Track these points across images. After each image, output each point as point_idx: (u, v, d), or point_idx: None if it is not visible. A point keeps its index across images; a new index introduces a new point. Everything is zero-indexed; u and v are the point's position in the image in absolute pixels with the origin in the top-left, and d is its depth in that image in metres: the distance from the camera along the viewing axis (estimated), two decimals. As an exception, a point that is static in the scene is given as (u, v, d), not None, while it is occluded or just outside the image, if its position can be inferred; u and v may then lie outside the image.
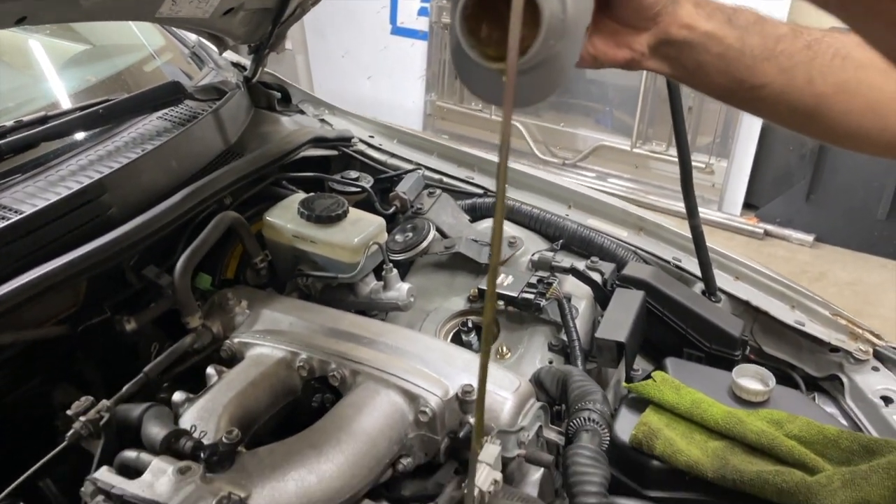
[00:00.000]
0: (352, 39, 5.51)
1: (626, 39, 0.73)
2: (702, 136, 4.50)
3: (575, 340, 1.41)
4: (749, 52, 0.74)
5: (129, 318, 1.23)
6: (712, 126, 4.43)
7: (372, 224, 1.45)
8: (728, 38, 0.73)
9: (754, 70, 0.74)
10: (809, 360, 1.50)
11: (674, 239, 1.67)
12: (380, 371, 1.13)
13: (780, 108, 0.77)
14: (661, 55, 0.75)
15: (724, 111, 4.37)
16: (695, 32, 0.73)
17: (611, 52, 0.73)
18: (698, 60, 0.75)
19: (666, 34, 0.73)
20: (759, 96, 0.76)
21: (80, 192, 1.25)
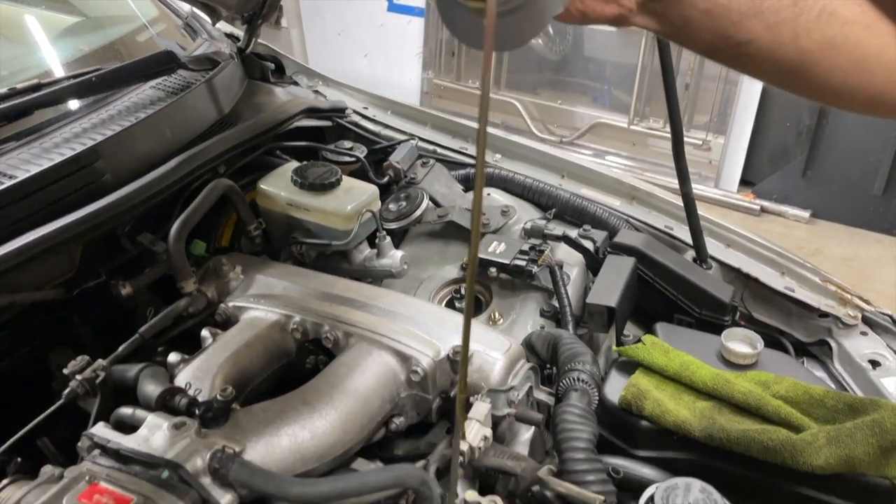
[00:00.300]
0: (348, 17, 5.49)
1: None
2: (699, 115, 4.50)
3: (566, 306, 1.42)
4: (736, 9, 0.74)
5: (125, 282, 1.25)
6: (709, 104, 4.43)
7: (365, 192, 1.46)
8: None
9: (740, 26, 0.75)
10: (799, 325, 1.51)
11: (666, 207, 1.68)
12: (372, 333, 1.15)
13: (765, 64, 0.78)
14: (649, 11, 0.75)
15: (721, 89, 4.37)
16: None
17: (599, 8, 0.74)
18: (685, 16, 0.75)
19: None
20: (745, 52, 0.77)
21: (74, 158, 1.25)
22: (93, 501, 0.82)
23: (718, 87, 4.38)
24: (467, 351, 0.69)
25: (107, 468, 0.87)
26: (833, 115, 4.02)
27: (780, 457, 1.09)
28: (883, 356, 1.40)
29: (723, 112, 4.40)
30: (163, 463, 0.86)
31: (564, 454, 1.05)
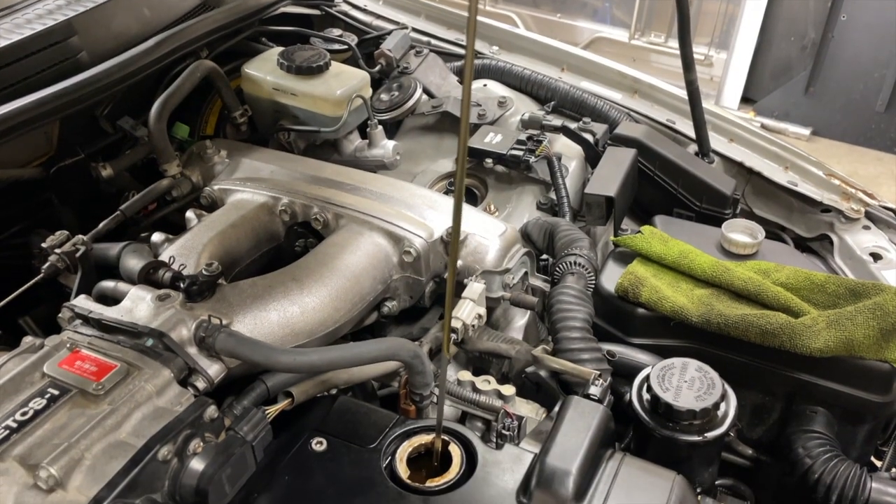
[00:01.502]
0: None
1: None
2: (701, 27, 4.36)
3: (564, 197, 1.38)
4: None
5: (105, 164, 1.20)
6: (712, 20, 4.30)
7: (355, 77, 1.39)
8: None
9: None
10: (800, 220, 1.48)
11: (668, 101, 1.63)
12: (364, 214, 1.11)
13: None
14: None
15: (725, 4, 4.23)
16: None
17: None
18: None
19: None
20: None
21: (48, 31, 1.19)
22: (74, 368, 0.79)
23: (721, 7, 4.24)
24: (459, 224, 0.65)
25: (88, 336, 0.84)
26: (839, 29, 3.91)
27: (779, 340, 1.08)
28: (885, 249, 1.37)
29: (726, 28, 4.27)
30: (147, 331, 0.83)
31: (559, 334, 1.03)
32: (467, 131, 0.58)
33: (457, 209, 0.65)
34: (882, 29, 3.78)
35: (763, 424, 1.18)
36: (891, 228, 1.43)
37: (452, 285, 0.68)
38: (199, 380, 0.83)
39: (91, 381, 0.76)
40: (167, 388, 0.79)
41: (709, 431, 0.93)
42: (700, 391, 0.95)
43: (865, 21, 3.83)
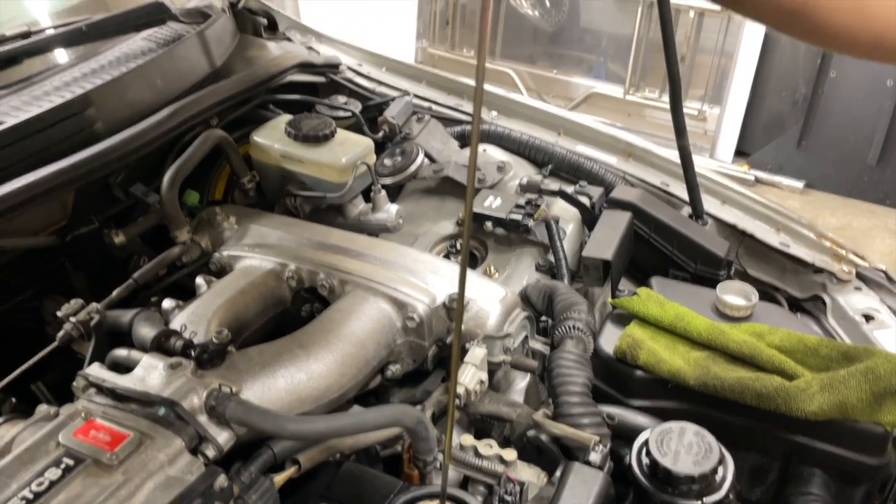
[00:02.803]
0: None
1: None
2: (694, 89, 4.48)
3: (562, 260, 1.42)
4: None
5: (118, 231, 1.24)
6: (705, 77, 4.41)
7: (360, 144, 1.45)
8: None
9: None
10: (793, 281, 1.52)
11: (662, 164, 1.68)
12: (368, 280, 1.15)
13: (769, 7, 0.77)
14: None
15: (717, 61, 4.34)
16: None
17: None
18: None
19: None
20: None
21: (66, 104, 1.24)
22: (89, 437, 0.82)
23: (714, 61, 4.36)
24: (464, 289, 0.68)
25: (103, 406, 0.87)
26: (829, 84, 4.01)
27: (774, 403, 1.10)
28: (876, 310, 1.40)
29: (718, 83, 4.38)
30: (159, 400, 0.86)
31: (560, 398, 1.05)
32: (471, 212, 0.61)
33: (461, 286, 0.68)
34: (870, 85, 3.89)
35: (761, 485, 1.20)
36: (882, 289, 1.46)
37: (458, 355, 0.71)
38: (209, 448, 0.85)
39: (105, 451, 0.79)
40: (179, 457, 0.81)
41: (707, 496, 0.95)
42: (698, 456, 0.97)
43: (854, 77, 3.93)
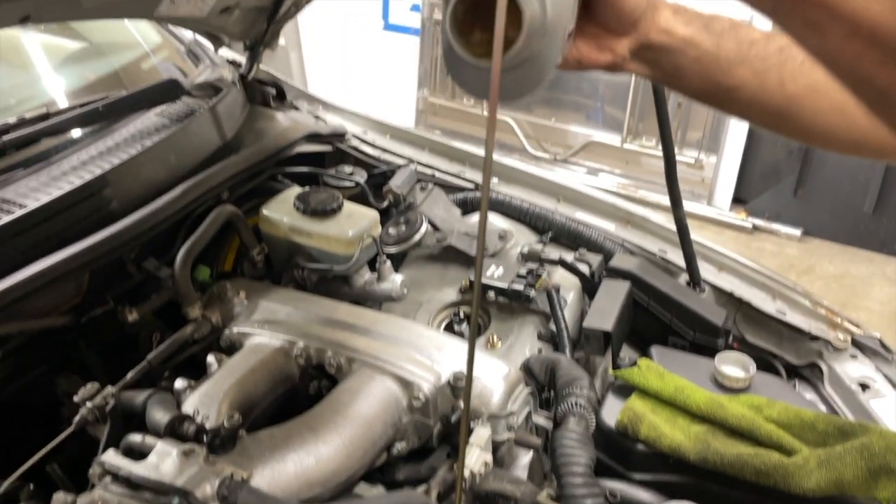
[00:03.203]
0: (344, 37, 5.54)
1: (609, 43, 0.77)
2: (691, 132, 4.56)
3: (563, 330, 1.45)
4: (724, 56, 0.78)
5: (131, 308, 1.27)
6: (701, 122, 4.49)
7: (366, 217, 1.49)
8: (704, 43, 0.77)
9: (729, 73, 0.78)
10: (790, 348, 1.55)
11: (660, 232, 1.72)
12: (374, 358, 1.18)
13: (753, 108, 0.81)
14: (642, 58, 0.79)
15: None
16: (673, 37, 0.77)
17: (594, 56, 0.78)
18: (676, 64, 0.79)
19: (646, 39, 0.77)
20: (733, 98, 0.80)
21: (83, 186, 1.28)
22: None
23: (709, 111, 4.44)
24: (471, 379, 0.72)
25: (118, 495, 0.89)
26: (823, 134, 4.08)
27: (773, 480, 1.13)
28: (872, 379, 1.43)
29: (714, 131, 4.46)
30: (173, 490, 0.88)
31: (563, 479, 1.08)
32: (479, 303, 0.65)
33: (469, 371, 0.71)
34: (864, 135, 3.95)
35: (762, 559, 1.22)
36: (877, 356, 1.49)
37: (465, 440, 0.74)
38: (221, 537, 0.87)
39: (122, 544, 0.81)
40: (192, 548, 0.83)
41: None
42: (698, 537, 0.99)
43: (848, 127, 4.00)
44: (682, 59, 0.79)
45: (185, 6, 1.44)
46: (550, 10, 0.59)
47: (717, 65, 0.79)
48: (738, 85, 0.80)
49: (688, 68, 0.80)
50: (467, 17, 0.60)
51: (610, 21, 0.77)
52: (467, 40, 0.61)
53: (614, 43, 0.78)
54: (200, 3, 1.49)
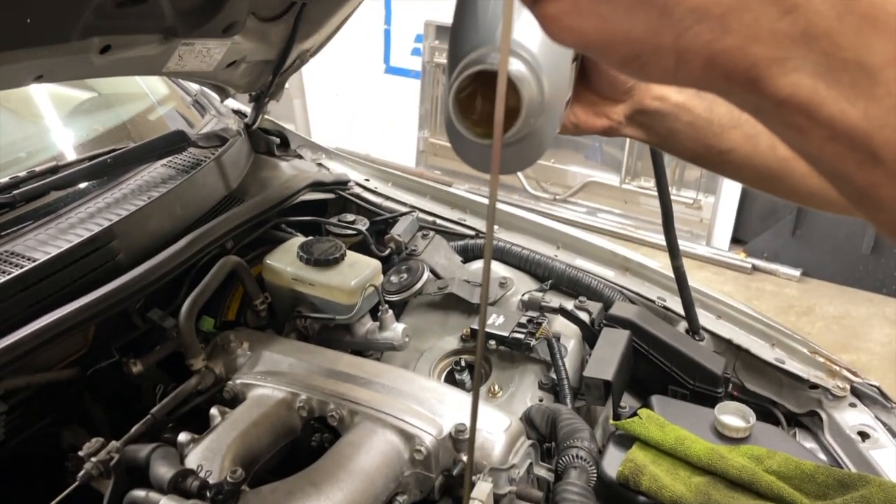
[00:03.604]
0: (347, 78, 5.64)
1: (604, 109, 0.80)
2: (689, 172, 4.61)
3: (564, 379, 1.46)
4: (717, 121, 0.81)
5: (136, 360, 1.28)
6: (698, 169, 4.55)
7: (368, 267, 1.51)
8: (697, 108, 0.80)
9: (721, 137, 0.81)
10: (790, 396, 1.55)
11: (658, 279, 1.74)
12: (376, 411, 1.19)
13: (746, 171, 0.84)
14: (637, 123, 0.82)
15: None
16: (666, 103, 0.80)
17: (590, 121, 0.80)
18: (670, 128, 0.82)
19: (640, 105, 0.80)
20: (726, 160, 0.83)
21: (91, 239, 1.30)
22: (109, 587, 0.85)
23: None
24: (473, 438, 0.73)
25: (122, 554, 0.90)
26: (820, 175, 4.13)
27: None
28: (871, 428, 1.44)
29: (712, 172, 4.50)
30: (177, 547, 0.89)
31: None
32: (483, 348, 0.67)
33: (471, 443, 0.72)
34: (861, 176, 3.99)
35: None
36: (876, 405, 1.50)
37: (468, 495, 0.75)
38: None
39: None
40: None
41: None
42: None
43: (845, 168, 4.04)
44: (675, 123, 0.82)
45: (192, 61, 1.48)
46: (548, 88, 0.62)
47: (710, 129, 0.82)
48: (730, 148, 0.83)
49: (681, 132, 0.82)
50: (468, 96, 0.63)
51: (605, 89, 0.80)
52: (469, 118, 0.63)
53: (610, 109, 0.81)
54: (207, 58, 1.53)
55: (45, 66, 1.18)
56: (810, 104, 0.36)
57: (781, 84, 0.36)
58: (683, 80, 0.40)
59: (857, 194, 0.38)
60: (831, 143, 0.37)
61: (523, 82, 0.60)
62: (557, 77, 0.65)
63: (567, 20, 0.40)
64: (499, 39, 0.60)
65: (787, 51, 0.36)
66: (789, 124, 0.38)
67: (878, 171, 0.36)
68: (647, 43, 0.39)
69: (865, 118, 0.35)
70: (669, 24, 0.37)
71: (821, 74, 0.35)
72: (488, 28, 0.62)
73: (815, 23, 0.35)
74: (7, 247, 1.27)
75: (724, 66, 0.37)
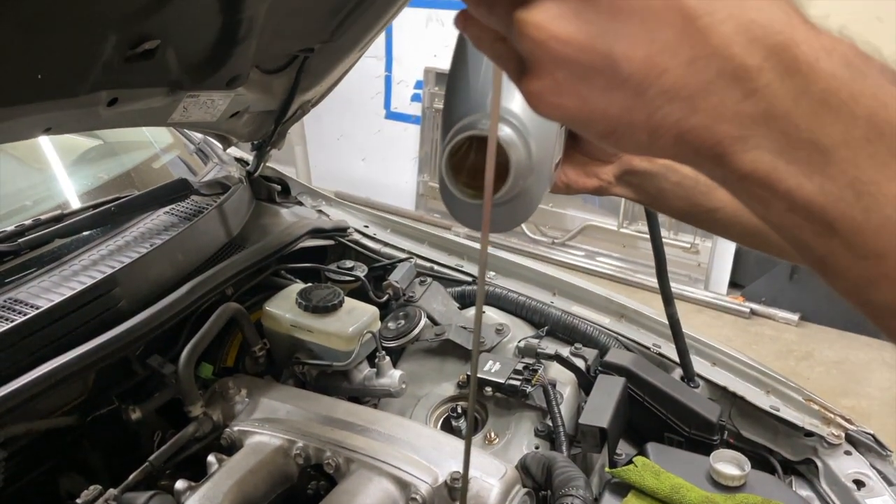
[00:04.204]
0: (347, 123, 5.73)
1: (595, 170, 0.83)
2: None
3: (560, 426, 1.47)
4: (703, 181, 0.84)
5: (135, 407, 1.30)
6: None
7: (366, 313, 1.53)
8: (684, 169, 0.83)
9: (708, 196, 0.84)
10: (785, 444, 1.56)
11: (654, 325, 1.75)
12: (373, 459, 1.20)
13: (734, 228, 0.87)
14: (626, 183, 0.85)
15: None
16: (654, 164, 0.83)
17: (581, 181, 0.84)
18: (658, 187, 0.85)
19: (629, 166, 0.83)
20: (714, 218, 0.86)
21: (94, 286, 1.33)
22: None
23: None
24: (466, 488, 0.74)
25: None
26: (815, 220, 4.16)
27: (769, 584, 1.13)
28: (867, 476, 1.44)
29: (709, 216, 4.54)
30: None
31: (559, 583, 1.08)
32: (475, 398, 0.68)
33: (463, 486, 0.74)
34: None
35: None
36: (871, 452, 1.50)
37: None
38: None
39: None
40: None
41: None
42: None
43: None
44: (663, 183, 0.85)
45: (197, 112, 1.53)
46: (535, 152, 0.65)
47: (697, 188, 0.85)
48: (717, 207, 0.86)
49: (669, 191, 0.86)
50: (460, 158, 0.66)
51: (594, 151, 0.83)
52: (461, 179, 0.66)
53: (599, 170, 0.85)
54: (212, 108, 1.57)
55: (53, 119, 1.21)
56: (770, 178, 0.39)
57: (744, 160, 0.39)
58: (656, 152, 0.43)
59: (817, 261, 0.41)
60: (790, 214, 0.39)
61: (511, 146, 0.63)
62: (545, 141, 0.69)
63: (549, 97, 0.43)
64: (489, 106, 0.64)
65: (749, 129, 0.38)
66: (752, 195, 0.41)
67: (835, 241, 0.38)
68: (621, 120, 0.42)
69: (821, 193, 0.38)
70: (642, 103, 0.40)
71: (780, 151, 0.38)
72: (479, 96, 0.65)
73: (774, 105, 0.38)
74: (11, 294, 1.29)
75: (692, 143, 0.40)
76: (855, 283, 0.39)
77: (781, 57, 0.37)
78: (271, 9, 1.30)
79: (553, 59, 0.41)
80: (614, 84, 0.40)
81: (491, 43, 0.46)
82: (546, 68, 0.41)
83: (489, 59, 0.48)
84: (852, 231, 0.38)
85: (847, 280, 0.40)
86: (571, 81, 0.41)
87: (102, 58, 1.13)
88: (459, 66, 0.68)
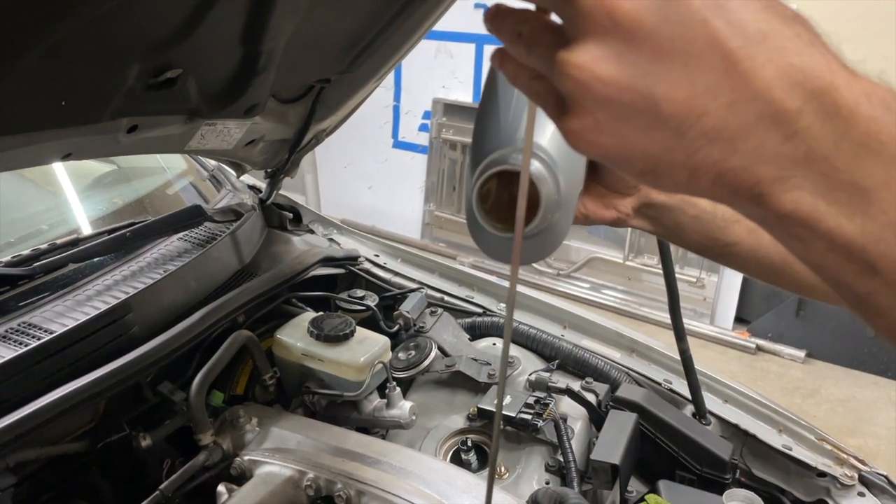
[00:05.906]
0: (355, 152, 5.77)
1: (613, 202, 0.84)
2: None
3: (571, 462, 1.45)
4: (720, 215, 0.84)
5: (145, 434, 1.29)
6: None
7: (377, 343, 1.53)
8: (702, 203, 0.84)
9: (725, 230, 0.84)
10: (798, 484, 1.54)
11: (664, 361, 1.74)
12: (384, 491, 1.18)
13: (750, 263, 0.87)
14: (644, 215, 0.86)
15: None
16: (673, 198, 0.84)
17: (600, 213, 0.84)
18: (676, 221, 0.85)
19: (647, 198, 0.84)
20: (731, 252, 0.86)
21: (107, 312, 1.33)
22: None
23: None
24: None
25: None
26: (821, 257, 4.16)
27: None
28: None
29: (715, 250, 4.54)
30: None
31: None
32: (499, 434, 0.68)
33: None
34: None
35: None
36: (885, 494, 1.48)
37: None
38: None
39: None
40: None
41: None
42: None
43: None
44: (681, 216, 0.85)
45: (213, 140, 1.54)
46: (564, 186, 0.65)
47: (715, 223, 0.85)
48: (734, 241, 0.86)
49: (687, 225, 0.86)
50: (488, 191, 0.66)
51: (614, 183, 0.84)
52: (489, 212, 0.67)
53: (618, 202, 0.85)
54: (228, 136, 1.58)
55: (73, 145, 1.22)
56: (810, 219, 0.39)
57: (784, 199, 0.39)
58: (694, 191, 0.43)
59: (857, 301, 0.41)
60: (831, 254, 0.40)
61: (542, 181, 0.64)
62: (572, 175, 0.69)
63: (589, 136, 0.43)
64: (519, 141, 0.64)
65: (789, 171, 0.39)
66: (792, 235, 0.41)
67: (876, 280, 0.38)
68: (661, 160, 0.42)
69: (862, 233, 0.38)
70: (682, 144, 0.41)
71: (820, 192, 0.39)
72: (509, 130, 0.66)
73: (814, 148, 0.38)
74: (25, 318, 1.30)
75: (731, 183, 0.41)
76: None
77: (822, 101, 0.38)
78: (290, 41, 1.31)
79: (595, 99, 0.41)
80: (655, 124, 0.41)
81: (528, 80, 0.47)
82: (587, 108, 0.42)
83: (525, 96, 0.49)
84: (893, 271, 0.38)
85: (887, 319, 0.40)
86: (612, 121, 0.42)
87: (125, 86, 1.14)
88: (490, 100, 0.69)
